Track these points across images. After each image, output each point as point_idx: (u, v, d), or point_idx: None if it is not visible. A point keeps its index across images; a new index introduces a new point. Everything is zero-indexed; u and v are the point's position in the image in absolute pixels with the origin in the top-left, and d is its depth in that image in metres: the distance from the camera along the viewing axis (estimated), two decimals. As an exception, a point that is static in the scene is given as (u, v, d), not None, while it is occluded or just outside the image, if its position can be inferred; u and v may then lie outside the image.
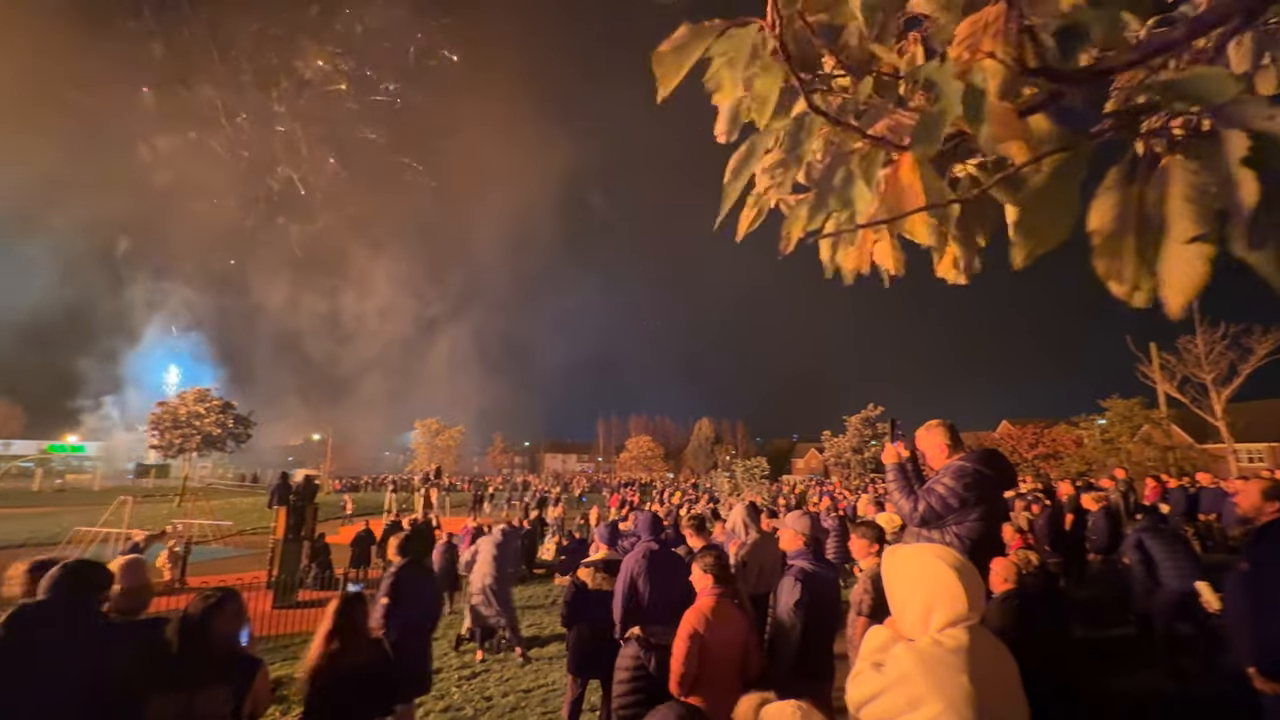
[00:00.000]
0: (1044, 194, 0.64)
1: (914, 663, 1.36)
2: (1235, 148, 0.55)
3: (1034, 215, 0.65)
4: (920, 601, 1.47)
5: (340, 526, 20.93)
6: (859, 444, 29.44)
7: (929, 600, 1.45)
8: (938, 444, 3.00)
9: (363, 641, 2.97)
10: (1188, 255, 0.59)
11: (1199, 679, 4.66)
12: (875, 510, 9.76)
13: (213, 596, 2.40)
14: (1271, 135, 0.53)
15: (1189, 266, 0.59)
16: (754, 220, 0.94)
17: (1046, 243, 0.65)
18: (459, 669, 7.01)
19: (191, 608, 2.38)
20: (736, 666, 3.20)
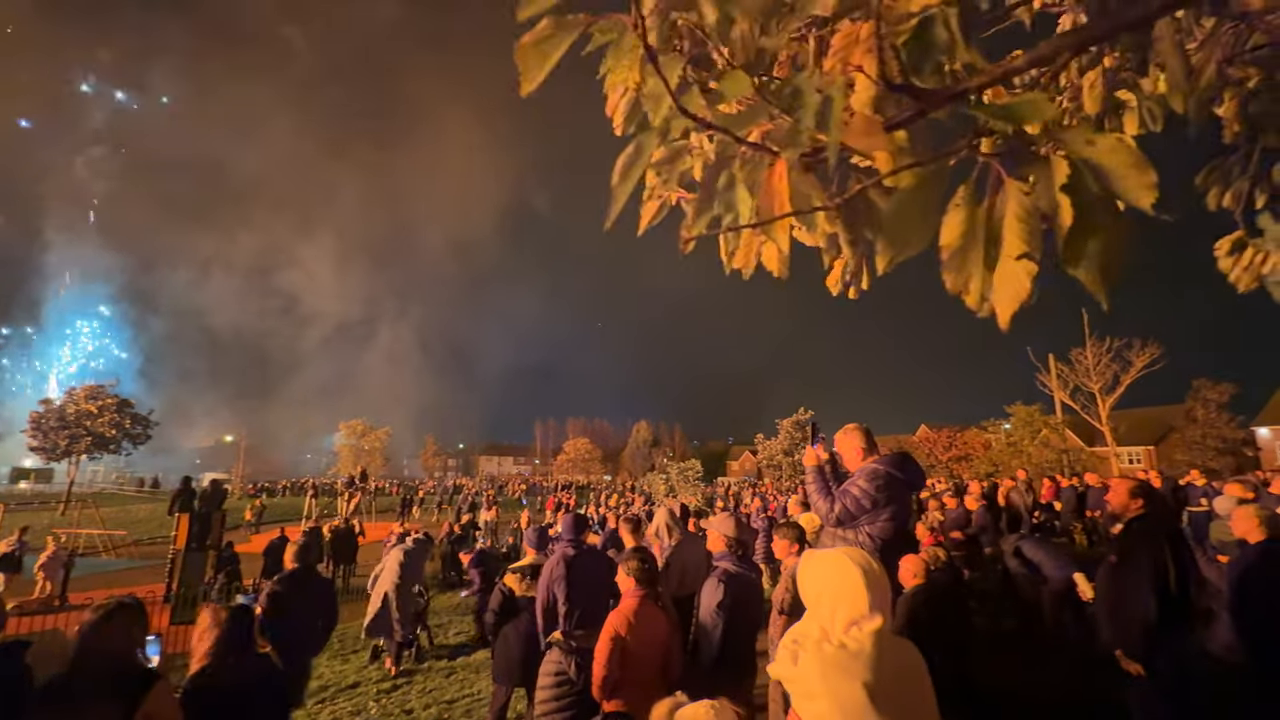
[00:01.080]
0: (905, 205, 0.68)
1: (814, 662, 1.41)
2: (1058, 173, 0.61)
3: (896, 224, 0.68)
4: (827, 601, 1.52)
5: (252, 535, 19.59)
6: (789, 446, 30.43)
7: (835, 600, 1.50)
8: (853, 447, 3.14)
9: (245, 657, 2.77)
10: (1014, 271, 0.64)
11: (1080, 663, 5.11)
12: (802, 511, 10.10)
13: (104, 606, 2.28)
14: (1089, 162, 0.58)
15: (1014, 281, 0.64)
16: (655, 215, 0.95)
17: (906, 250, 0.68)
18: (378, 681, 6.70)
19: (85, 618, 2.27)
20: (659, 668, 3.21)
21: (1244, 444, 30.55)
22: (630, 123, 0.86)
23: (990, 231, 0.64)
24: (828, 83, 0.62)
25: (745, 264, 0.96)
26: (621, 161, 0.74)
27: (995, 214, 0.64)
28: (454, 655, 7.62)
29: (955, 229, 0.66)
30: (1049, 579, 5.62)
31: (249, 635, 2.83)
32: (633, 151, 0.74)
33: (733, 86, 0.67)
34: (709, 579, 3.58)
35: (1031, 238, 0.62)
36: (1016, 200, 0.63)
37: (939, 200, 0.68)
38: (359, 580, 13.12)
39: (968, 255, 0.66)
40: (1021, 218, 0.62)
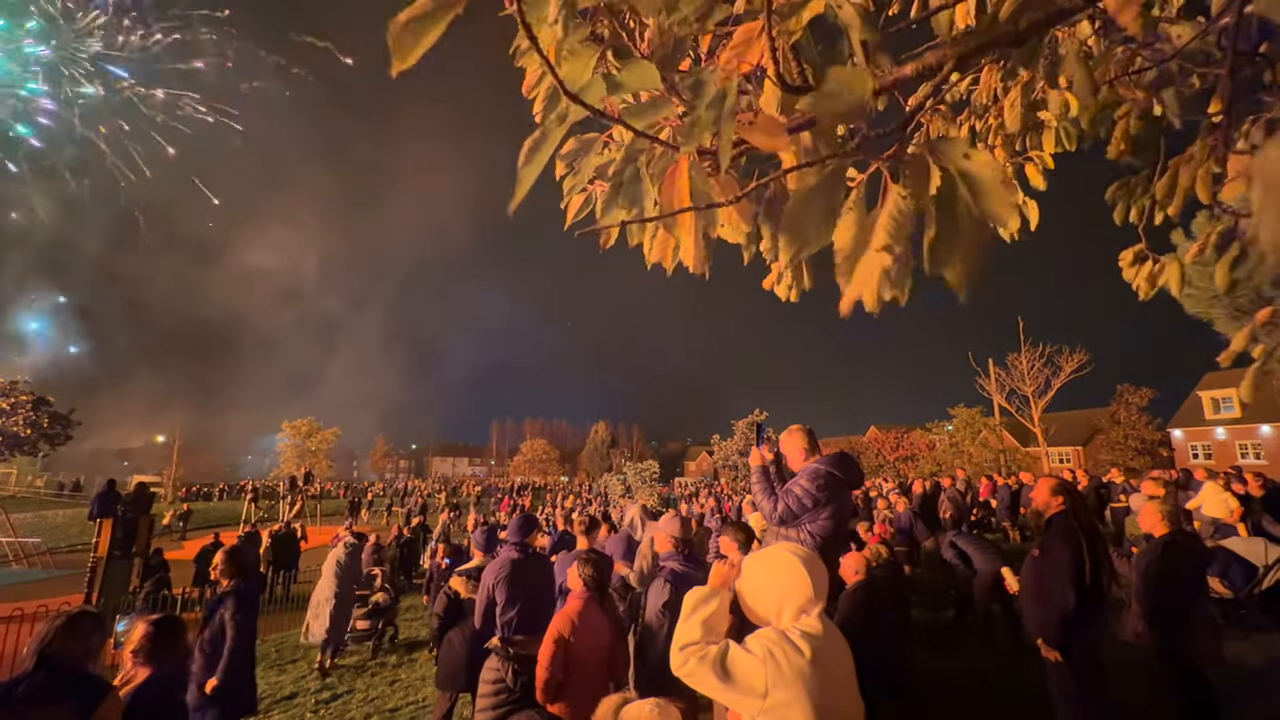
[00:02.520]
0: (805, 202, 0.69)
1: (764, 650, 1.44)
2: (931, 181, 0.63)
3: (796, 221, 0.69)
4: (775, 595, 1.57)
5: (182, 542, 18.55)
6: (744, 447, 30.96)
7: (782, 593, 1.56)
8: (797, 448, 3.21)
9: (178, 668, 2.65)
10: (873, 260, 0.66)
11: (1007, 651, 5.38)
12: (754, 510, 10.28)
13: (67, 614, 2.35)
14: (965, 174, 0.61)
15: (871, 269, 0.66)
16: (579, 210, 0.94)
17: (806, 247, 0.70)
18: (316, 692, 6.43)
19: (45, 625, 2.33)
20: (604, 670, 3.19)
21: (1160, 445, 32.88)
22: (550, 110, 0.85)
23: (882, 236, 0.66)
24: (725, 77, 0.62)
25: (662, 258, 0.96)
26: (527, 145, 0.72)
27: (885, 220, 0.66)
28: (399, 664, 7.40)
29: (847, 231, 0.68)
30: (979, 572, 5.91)
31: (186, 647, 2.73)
32: (538, 137, 0.72)
33: (635, 78, 0.67)
34: (655, 579, 3.59)
35: (896, 234, 0.64)
36: (893, 201, 0.65)
37: (837, 200, 0.69)
38: (300, 587, 12.59)
39: (857, 258, 0.68)
40: (894, 215, 0.65)
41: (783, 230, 0.69)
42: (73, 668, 2.27)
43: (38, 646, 2.25)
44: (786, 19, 0.69)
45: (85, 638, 2.33)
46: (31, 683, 2.18)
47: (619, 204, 0.77)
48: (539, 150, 0.71)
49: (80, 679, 2.27)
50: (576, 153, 0.82)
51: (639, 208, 0.75)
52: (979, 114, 2.22)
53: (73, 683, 2.24)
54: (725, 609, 1.63)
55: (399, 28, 0.53)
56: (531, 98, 0.88)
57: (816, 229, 0.69)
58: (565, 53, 0.71)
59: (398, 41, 0.53)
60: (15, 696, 2.13)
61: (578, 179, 0.87)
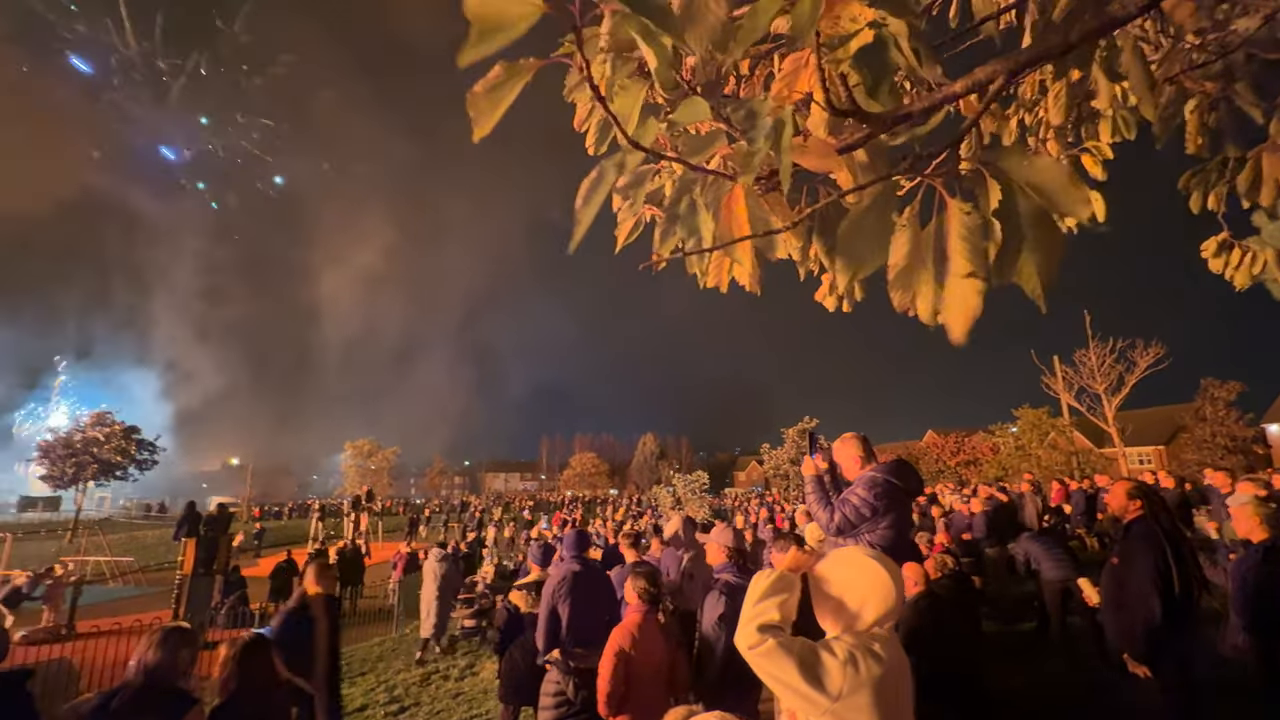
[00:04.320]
0: (859, 223, 0.71)
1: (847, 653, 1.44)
2: (992, 195, 0.63)
3: (852, 242, 0.71)
4: (858, 598, 1.55)
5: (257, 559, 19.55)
6: (796, 455, 30.33)
7: (865, 598, 1.54)
8: (852, 456, 3.15)
9: (265, 688, 2.78)
10: (964, 289, 0.66)
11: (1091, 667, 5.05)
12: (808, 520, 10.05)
13: (160, 630, 2.46)
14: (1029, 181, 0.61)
15: (964, 299, 0.66)
16: (630, 234, 0.98)
17: (864, 268, 0.71)
18: (386, 704, 6.66)
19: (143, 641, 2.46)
20: (663, 683, 3.20)
21: (1254, 442, 30.26)
22: (603, 142, 0.90)
23: (938, 251, 0.67)
24: (777, 106, 0.65)
25: (718, 282, 0.99)
26: (584, 187, 0.76)
27: (941, 234, 0.67)
28: (461, 676, 7.57)
29: (901, 249, 0.69)
30: (1047, 581, 5.59)
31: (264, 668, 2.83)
32: (595, 177, 0.77)
33: (690, 113, 0.70)
34: (711, 592, 3.57)
35: (976, 256, 0.65)
36: (959, 220, 0.66)
37: (891, 219, 0.71)
38: (366, 602, 13.07)
39: (913, 274, 0.68)
40: (965, 237, 0.65)
41: (839, 253, 0.71)
42: (165, 681, 2.38)
43: (137, 660, 2.39)
44: (835, 50, 0.71)
45: (175, 652, 2.44)
46: (126, 694, 2.31)
47: (676, 234, 0.80)
48: (597, 190, 0.76)
49: (170, 692, 2.38)
50: (630, 185, 0.87)
51: (697, 236, 0.78)
52: (1028, 108, 2.16)
53: (163, 696, 2.35)
54: (798, 597, 1.62)
55: (477, 97, 0.58)
56: (583, 130, 0.93)
57: (872, 249, 0.70)
58: (616, 89, 0.75)
59: (477, 109, 0.58)
60: (110, 707, 2.26)
61: (632, 207, 0.91)
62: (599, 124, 0.90)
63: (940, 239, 0.67)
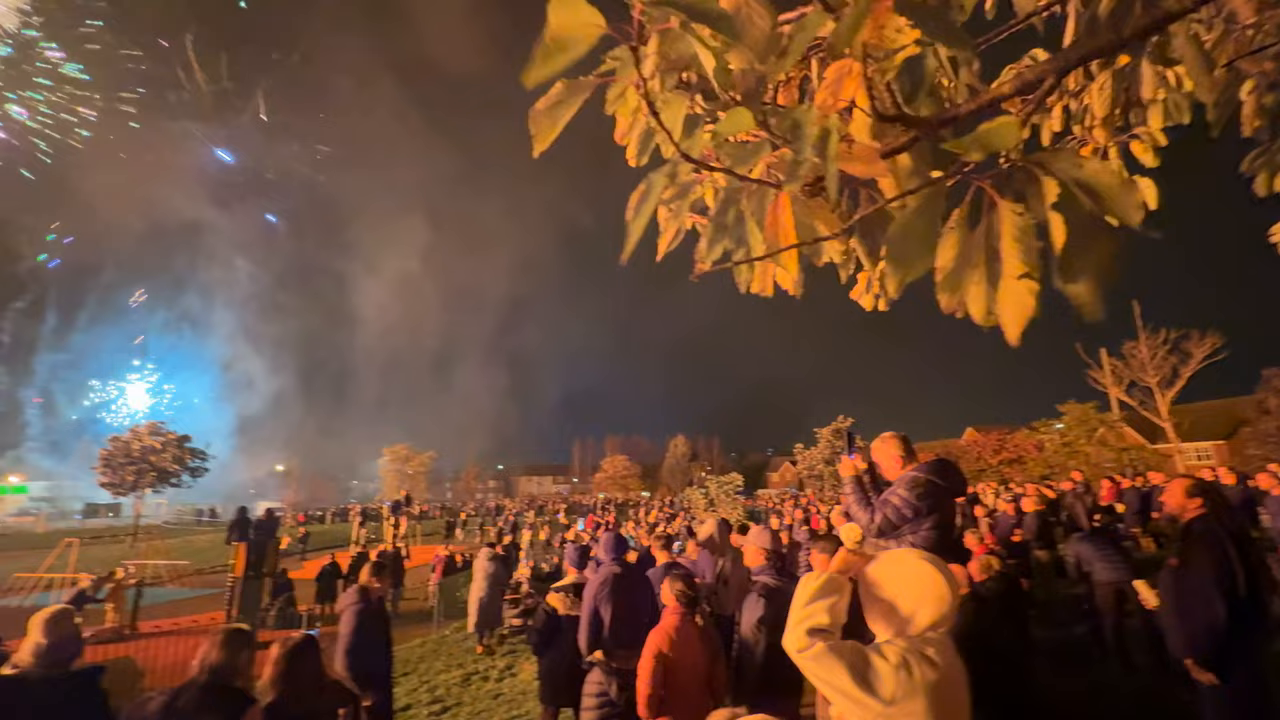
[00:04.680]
0: (908, 227, 0.71)
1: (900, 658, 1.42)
2: (1048, 194, 0.63)
3: (901, 246, 0.71)
4: (910, 602, 1.52)
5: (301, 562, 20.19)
6: (830, 455, 29.85)
7: (918, 601, 1.51)
8: (891, 456, 3.10)
9: (313, 689, 2.87)
10: (1018, 290, 0.66)
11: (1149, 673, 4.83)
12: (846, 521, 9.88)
13: (220, 631, 2.56)
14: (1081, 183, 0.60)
15: (1019, 300, 0.66)
16: (671, 241, 1.00)
17: (913, 271, 0.71)
18: (429, 704, 6.81)
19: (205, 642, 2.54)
20: (703, 686, 3.20)
21: (1324, 435, 28.44)
22: (643, 153, 0.92)
23: (989, 251, 0.66)
24: (823, 115, 0.66)
25: (762, 288, 1.00)
26: (634, 199, 0.78)
27: (991, 235, 0.66)
28: (501, 678, 7.68)
29: (950, 251, 0.69)
30: (1099, 584, 5.36)
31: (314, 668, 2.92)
32: (644, 190, 0.79)
33: (734, 124, 0.72)
34: (749, 594, 3.56)
35: (1029, 256, 0.64)
36: (1011, 221, 0.65)
37: (939, 222, 0.70)
38: (406, 604, 13.38)
39: (963, 276, 0.68)
40: (1018, 238, 0.64)
41: (888, 256, 0.71)
42: (226, 680, 2.46)
43: (200, 659, 2.48)
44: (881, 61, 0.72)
45: (235, 653, 2.51)
46: (190, 692, 2.40)
47: (722, 242, 0.82)
48: (646, 201, 0.78)
49: (230, 691, 2.46)
50: (676, 196, 0.88)
51: (745, 246, 0.80)
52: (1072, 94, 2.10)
53: (224, 695, 2.43)
54: (847, 600, 1.60)
55: (538, 114, 0.61)
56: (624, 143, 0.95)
57: (921, 251, 0.70)
58: (660, 102, 0.77)
59: (537, 126, 0.61)
60: (176, 705, 2.35)
61: (676, 216, 0.92)
62: (640, 136, 0.91)
63: (991, 240, 0.67)
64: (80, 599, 12.15)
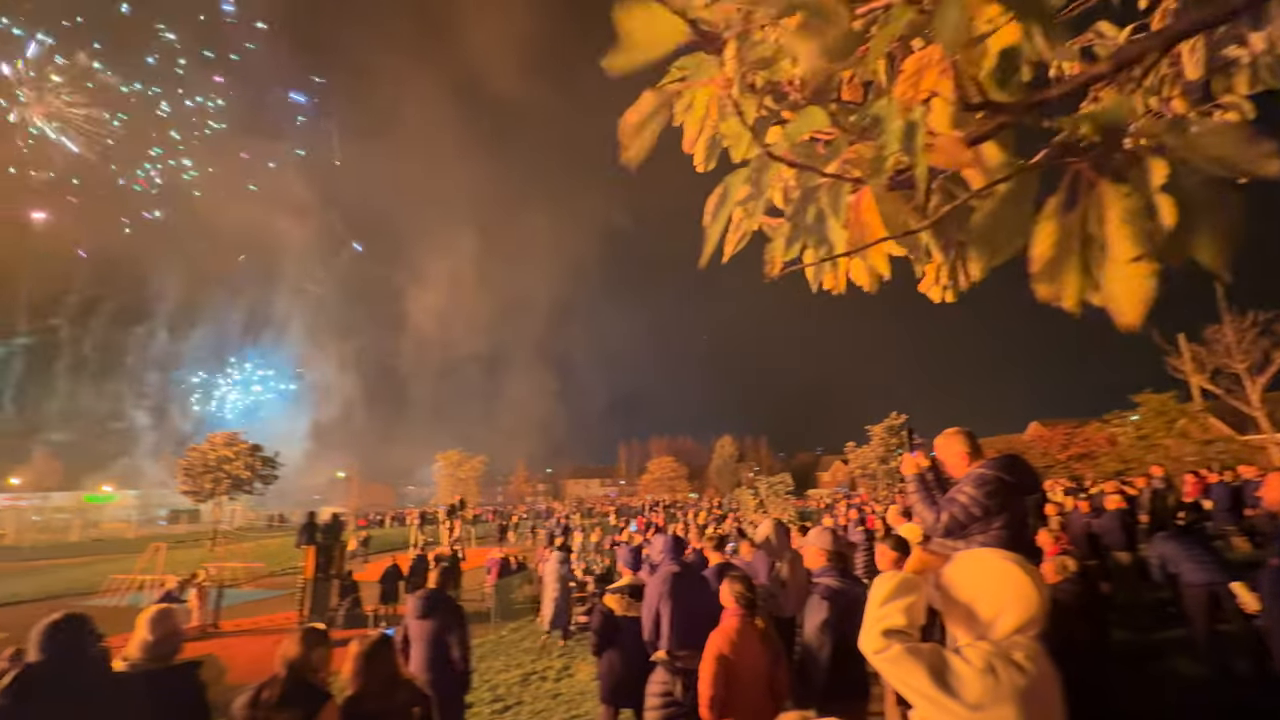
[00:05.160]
0: (997, 213, 0.69)
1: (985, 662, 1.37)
2: (1156, 174, 0.60)
3: (988, 232, 0.69)
4: (993, 604, 1.46)
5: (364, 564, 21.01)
6: (884, 454, 28.94)
7: (1002, 603, 1.45)
8: (957, 453, 3.00)
9: (390, 685, 2.99)
10: (1133, 274, 0.63)
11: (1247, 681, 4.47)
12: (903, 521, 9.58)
13: (299, 630, 2.70)
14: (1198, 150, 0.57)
15: (1137, 284, 0.62)
16: (738, 243, 1.00)
17: (999, 256, 0.69)
18: (491, 702, 6.98)
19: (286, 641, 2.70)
20: (765, 689, 3.17)
21: None
22: (711, 159, 0.92)
23: (1085, 237, 0.64)
24: (906, 108, 0.65)
25: (836, 285, 0.99)
26: (711, 204, 0.79)
27: (1090, 220, 0.64)
28: (558, 678, 7.80)
29: (1047, 239, 0.66)
30: (1188, 586, 4.97)
31: (391, 665, 3.05)
32: (722, 193, 0.80)
33: (807, 123, 0.71)
34: (811, 597, 3.50)
35: (1141, 239, 0.61)
36: (1119, 204, 0.62)
37: (1030, 206, 0.68)
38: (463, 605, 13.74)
39: (1062, 264, 0.66)
40: (1128, 220, 0.62)
41: (973, 244, 0.70)
42: (304, 677, 2.59)
43: (281, 657, 2.61)
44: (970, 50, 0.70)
45: (310, 651, 2.65)
46: (273, 688, 2.53)
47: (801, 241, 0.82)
48: (724, 205, 0.79)
49: (309, 687, 2.58)
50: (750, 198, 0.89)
51: (826, 244, 0.79)
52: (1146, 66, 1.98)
53: (303, 690, 2.55)
54: (925, 600, 1.55)
55: (628, 126, 0.63)
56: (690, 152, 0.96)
57: (1009, 238, 0.69)
58: (727, 107, 0.78)
59: (628, 137, 0.63)
60: (260, 700, 2.49)
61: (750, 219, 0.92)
62: (707, 142, 0.92)
63: (1087, 225, 0.64)
64: (168, 599, 13.07)
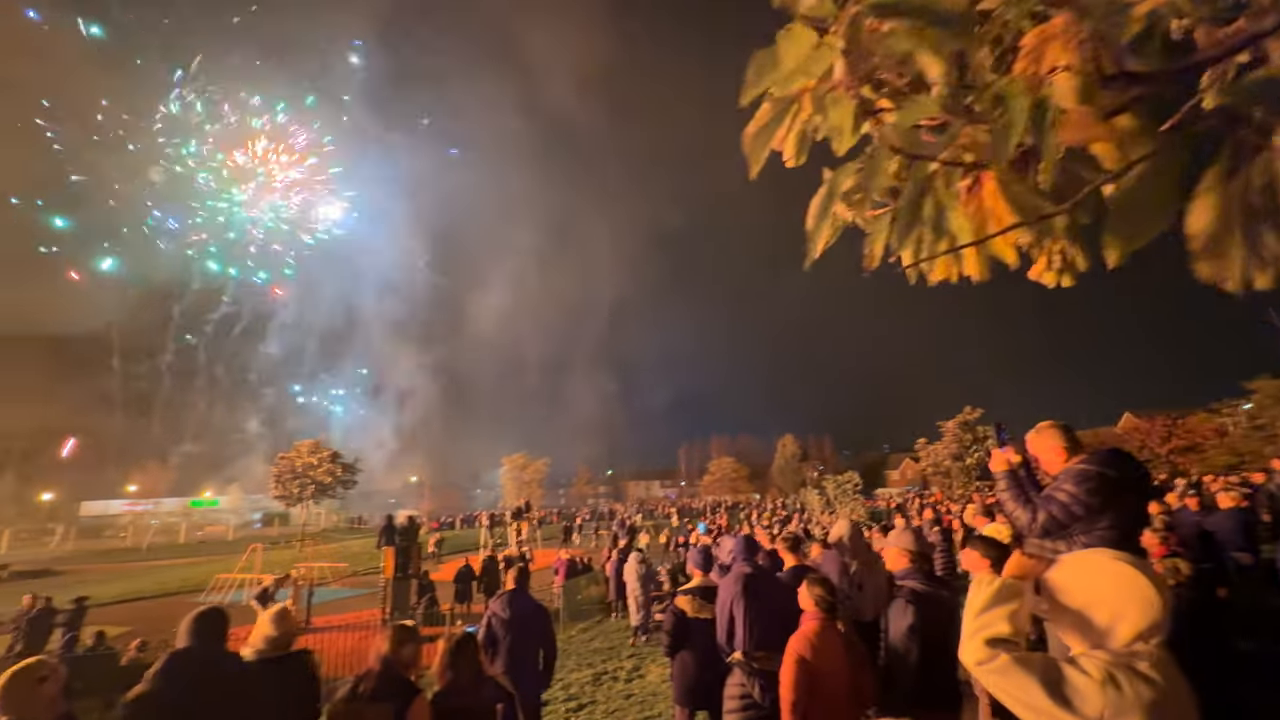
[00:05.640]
0: (1137, 193, 0.63)
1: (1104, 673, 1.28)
2: None
3: (1128, 213, 0.63)
4: (1109, 609, 1.36)
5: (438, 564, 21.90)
6: (959, 451, 27.49)
7: (1119, 609, 1.34)
8: (1052, 447, 2.82)
9: (476, 681, 3.10)
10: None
11: None
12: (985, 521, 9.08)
13: (391, 628, 2.88)
14: None
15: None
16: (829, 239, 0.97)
17: (1139, 239, 0.63)
18: (565, 700, 7.11)
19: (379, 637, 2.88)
20: (849, 695, 3.08)
21: None
22: (802, 153, 0.90)
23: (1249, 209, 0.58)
24: (1032, 85, 0.61)
25: (948, 275, 0.94)
26: (816, 202, 0.77)
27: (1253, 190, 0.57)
28: (629, 679, 7.86)
29: (1207, 214, 0.60)
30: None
31: (475, 661, 3.18)
32: (827, 191, 0.77)
33: (920, 110, 0.68)
34: (895, 600, 3.36)
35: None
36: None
37: (1176, 183, 0.62)
38: (542, 605, 14.08)
39: (1224, 240, 0.59)
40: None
41: (1111, 225, 0.64)
42: (395, 672, 2.74)
43: (375, 652, 2.78)
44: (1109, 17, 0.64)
45: (401, 647, 2.80)
46: (369, 681, 2.70)
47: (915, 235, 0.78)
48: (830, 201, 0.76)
49: (401, 682, 2.73)
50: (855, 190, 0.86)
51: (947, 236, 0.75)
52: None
53: (396, 684, 2.71)
54: (1029, 607, 1.46)
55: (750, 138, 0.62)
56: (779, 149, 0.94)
57: (1153, 217, 0.63)
58: (828, 101, 0.76)
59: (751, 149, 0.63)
60: (358, 692, 2.67)
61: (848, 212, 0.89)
62: (797, 137, 0.90)
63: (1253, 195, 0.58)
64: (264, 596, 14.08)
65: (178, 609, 17.61)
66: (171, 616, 16.24)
